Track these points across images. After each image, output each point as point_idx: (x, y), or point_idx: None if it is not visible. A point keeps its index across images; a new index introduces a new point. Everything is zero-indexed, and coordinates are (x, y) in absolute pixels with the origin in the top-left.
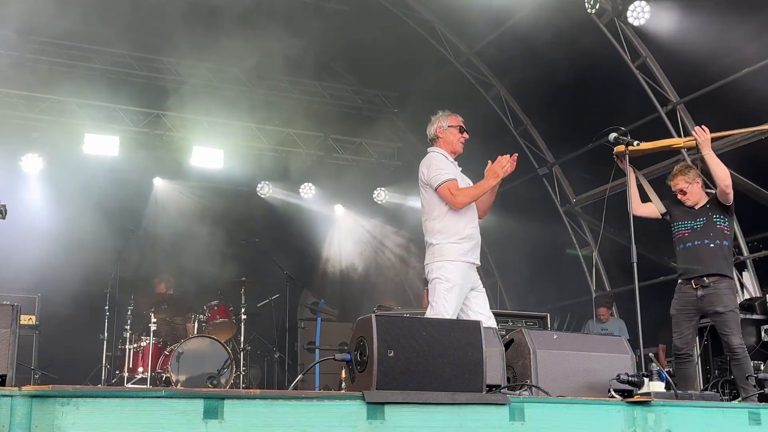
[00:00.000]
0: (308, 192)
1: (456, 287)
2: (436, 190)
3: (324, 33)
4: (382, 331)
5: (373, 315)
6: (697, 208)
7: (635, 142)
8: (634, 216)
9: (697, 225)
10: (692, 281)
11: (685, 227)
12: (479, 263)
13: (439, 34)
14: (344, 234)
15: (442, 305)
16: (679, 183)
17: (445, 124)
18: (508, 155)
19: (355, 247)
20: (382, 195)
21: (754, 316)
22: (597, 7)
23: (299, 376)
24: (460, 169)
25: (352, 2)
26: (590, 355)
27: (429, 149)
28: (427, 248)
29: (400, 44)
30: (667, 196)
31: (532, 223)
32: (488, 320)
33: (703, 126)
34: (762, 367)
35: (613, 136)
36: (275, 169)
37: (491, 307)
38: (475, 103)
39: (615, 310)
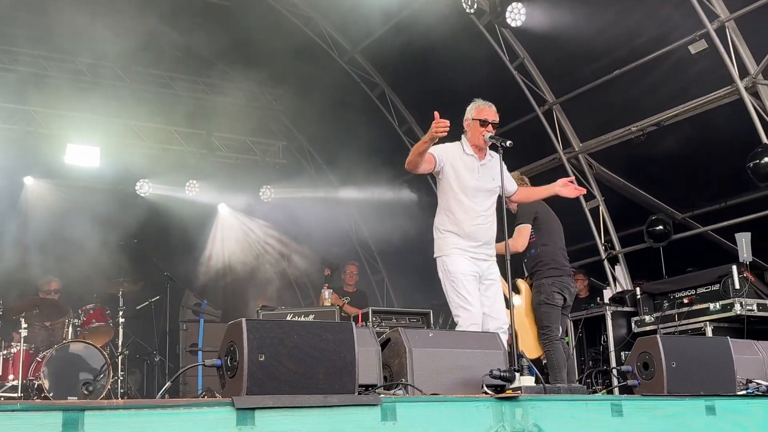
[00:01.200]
0: (192, 190)
1: (461, 276)
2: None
3: (207, 29)
4: (252, 336)
5: (243, 319)
6: None
7: (507, 143)
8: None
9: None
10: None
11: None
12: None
13: (324, 31)
14: (228, 233)
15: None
16: None
17: (471, 116)
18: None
19: (240, 247)
20: (267, 193)
21: (625, 309)
22: (475, 7)
23: (167, 384)
24: (481, 164)
25: None
26: (465, 352)
27: None
28: None
29: (285, 41)
30: None
31: (414, 219)
32: (495, 319)
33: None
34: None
35: (488, 135)
36: (156, 168)
37: (378, 304)
38: (359, 101)
39: None
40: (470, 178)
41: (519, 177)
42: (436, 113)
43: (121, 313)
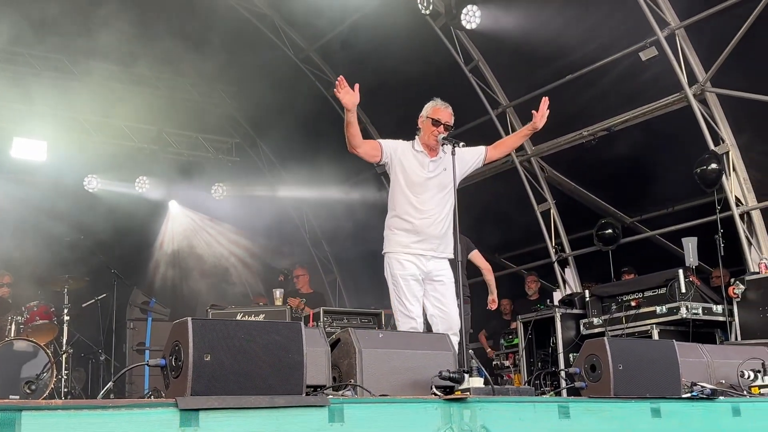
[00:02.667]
0: (142, 186)
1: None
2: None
3: (161, 23)
4: (198, 335)
5: (189, 319)
6: None
7: (460, 144)
8: None
9: None
10: None
11: None
12: (440, 255)
13: (279, 29)
14: (179, 231)
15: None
16: None
17: (425, 114)
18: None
19: (191, 245)
20: (220, 191)
21: (574, 311)
22: (431, 9)
23: (109, 384)
24: (431, 161)
25: None
26: (415, 353)
27: None
28: None
29: (239, 38)
30: None
31: (368, 221)
32: (445, 320)
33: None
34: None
35: (440, 136)
36: (105, 163)
37: (331, 304)
38: (314, 100)
39: None
40: (420, 173)
41: None
42: (340, 77)
43: (66, 310)
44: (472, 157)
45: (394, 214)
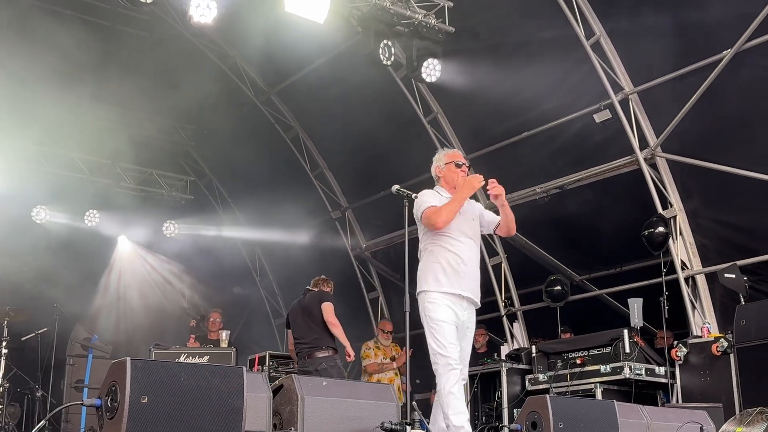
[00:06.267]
0: (92, 220)
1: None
2: (421, 221)
3: (122, 58)
4: (136, 376)
5: (127, 359)
6: None
7: (413, 195)
8: None
9: None
10: None
11: None
12: (472, 297)
13: (241, 70)
14: (127, 267)
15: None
16: None
17: (443, 163)
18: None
19: (138, 282)
20: (171, 228)
21: (521, 366)
22: (392, 60)
23: (42, 422)
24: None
25: (154, 29)
26: (357, 403)
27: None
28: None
29: (201, 77)
30: None
31: (323, 264)
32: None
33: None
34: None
35: (395, 188)
36: (55, 195)
37: (277, 348)
38: (273, 143)
39: None
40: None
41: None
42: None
43: (4, 343)
44: (486, 215)
45: (430, 261)
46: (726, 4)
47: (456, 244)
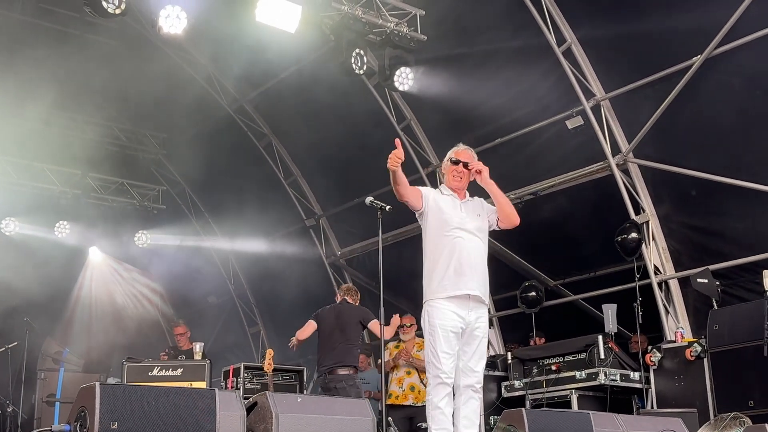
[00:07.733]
0: (62, 231)
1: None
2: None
3: (91, 66)
4: (105, 402)
5: (97, 384)
6: None
7: (387, 207)
8: None
9: None
10: None
11: None
12: (479, 295)
13: (213, 78)
14: (98, 278)
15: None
16: None
17: (446, 160)
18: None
19: (109, 293)
20: (143, 239)
21: (496, 373)
22: (365, 68)
23: None
24: (462, 203)
25: (123, 38)
26: (333, 419)
27: None
28: None
29: (172, 85)
30: None
31: (297, 272)
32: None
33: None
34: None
35: (369, 199)
36: (25, 206)
37: (252, 359)
38: (246, 151)
39: (373, 360)
40: (454, 216)
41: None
42: (397, 140)
43: None
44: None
45: (430, 261)
46: (696, 11)
47: (459, 242)
